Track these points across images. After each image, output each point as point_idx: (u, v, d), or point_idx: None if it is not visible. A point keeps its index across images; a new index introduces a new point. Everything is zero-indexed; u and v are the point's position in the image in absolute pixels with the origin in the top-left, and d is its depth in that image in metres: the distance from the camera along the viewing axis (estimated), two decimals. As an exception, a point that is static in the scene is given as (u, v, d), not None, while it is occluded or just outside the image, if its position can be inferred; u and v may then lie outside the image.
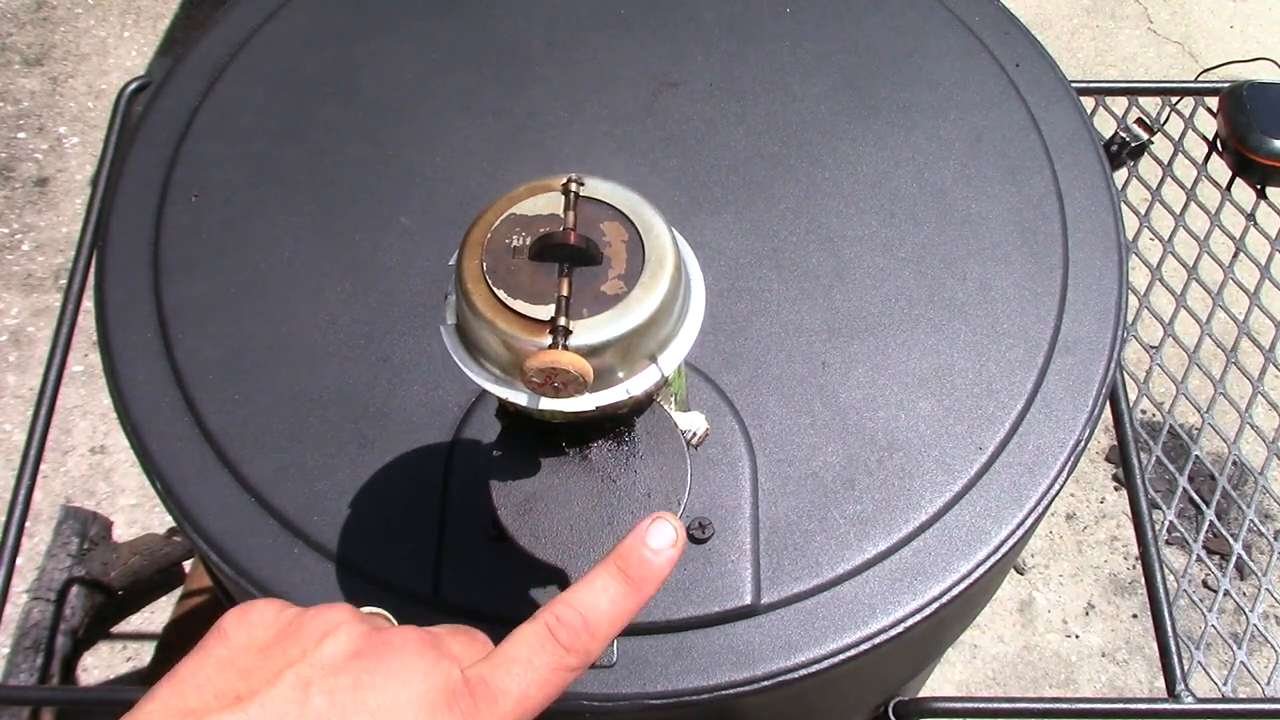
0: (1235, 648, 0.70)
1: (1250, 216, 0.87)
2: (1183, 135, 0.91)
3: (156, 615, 1.30)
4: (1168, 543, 1.51)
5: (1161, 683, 0.64)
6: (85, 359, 1.63)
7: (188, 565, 1.06)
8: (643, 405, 0.44)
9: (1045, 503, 0.55)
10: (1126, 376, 0.76)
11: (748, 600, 0.51)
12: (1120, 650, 1.49)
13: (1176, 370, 0.83)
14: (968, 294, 0.61)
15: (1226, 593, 0.73)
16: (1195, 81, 0.94)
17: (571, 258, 0.38)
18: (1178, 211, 0.88)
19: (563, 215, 0.39)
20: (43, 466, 0.67)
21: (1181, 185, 0.88)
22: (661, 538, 0.37)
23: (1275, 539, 1.46)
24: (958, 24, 0.73)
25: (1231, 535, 0.76)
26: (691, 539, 0.52)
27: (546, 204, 0.39)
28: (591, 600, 0.36)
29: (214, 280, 0.61)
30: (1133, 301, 0.78)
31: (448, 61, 0.70)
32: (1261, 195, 0.87)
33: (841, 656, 0.51)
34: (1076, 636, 1.51)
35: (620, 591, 0.36)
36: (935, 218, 0.64)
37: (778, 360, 0.58)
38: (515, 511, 0.43)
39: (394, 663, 0.34)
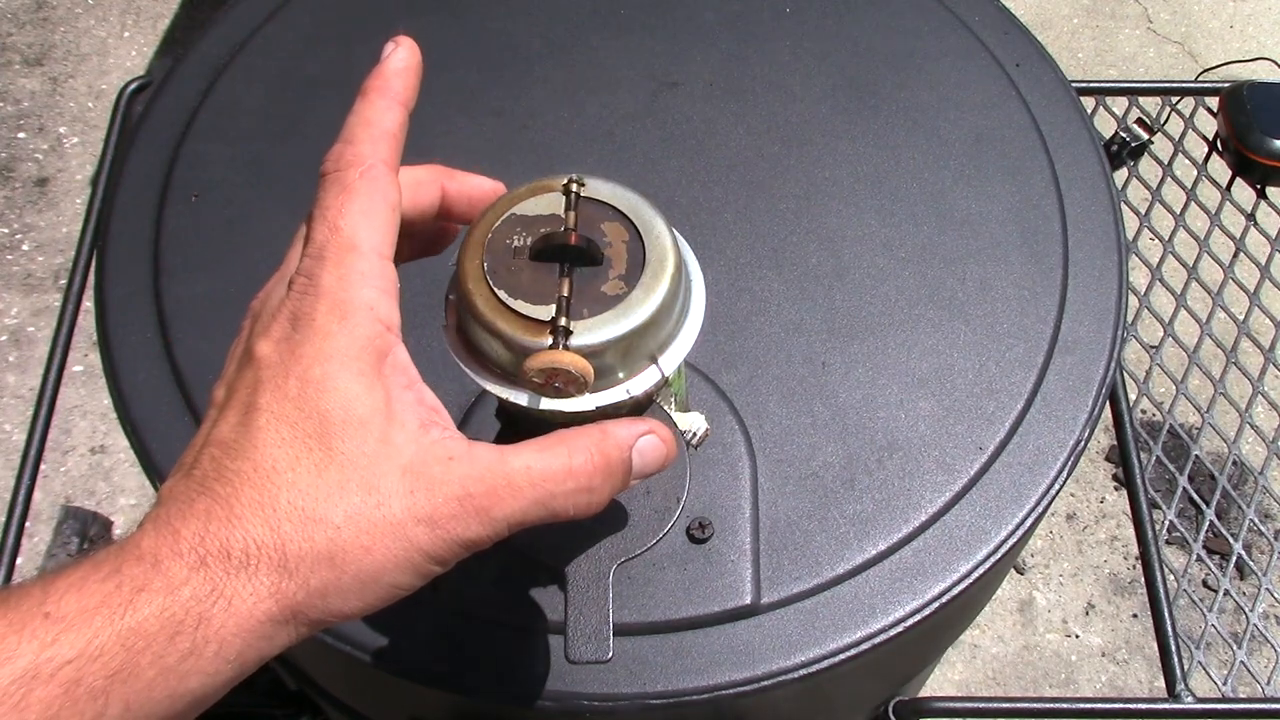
0: (1235, 648, 0.70)
1: (1250, 216, 0.87)
2: (1183, 135, 0.91)
3: (156, 615, 1.30)
4: (1168, 543, 1.51)
5: (1161, 683, 0.64)
6: (85, 359, 1.63)
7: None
8: (643, 405, 0.44)
9: (1045, 503, 0.55)
10: (1126, 376, 0.76)
11: (748, 600, 0.51)
12: (1120, 650, 1.49)
13: (1176, 370, 0.83)
14: (968, 294, 0.61)
15: (1226, 593, 0.73)
16: (1195, 81, 0.94)
17: (572, 258, 0.38)
18: (1178, 211, 0.88)
19: (563, 216, 0.39)
20: (43, 466, 0.67)
21: (1181, 185, 0.88)
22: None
23: (1275, 539, 1.46)
24: (958, 24, 0.73)
25: (1231, 535, 0.76)
26: (691, 539, 0.52)
27: (547, 204, 0.39)
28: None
29: (214, 280, 0.61)
30: (1133, 301, 0.78)
31: (448, 61, 0.70)
32: (1261, 195, 0.87)
33: (841, 656, 0.51)
34: (1076, 636, 1.51)
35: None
36: (935, 218, 0.64)
37: (778, 360, 0.58)
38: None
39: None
